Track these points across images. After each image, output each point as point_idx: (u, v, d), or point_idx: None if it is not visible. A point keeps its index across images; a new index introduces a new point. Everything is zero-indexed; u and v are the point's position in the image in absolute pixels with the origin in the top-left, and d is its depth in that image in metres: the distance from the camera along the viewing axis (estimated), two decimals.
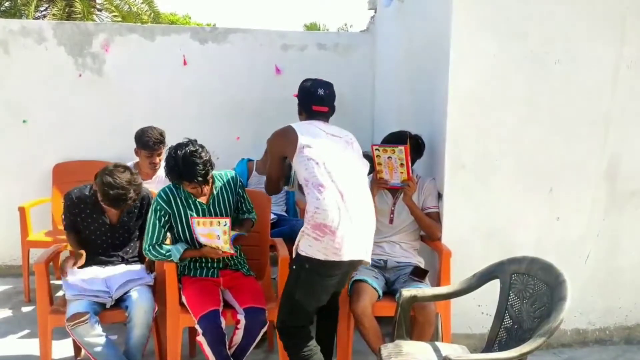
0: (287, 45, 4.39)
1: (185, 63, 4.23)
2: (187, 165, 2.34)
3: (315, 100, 2.44)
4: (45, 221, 3.97)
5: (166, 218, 2.52)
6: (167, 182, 2.63)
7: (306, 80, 2.55)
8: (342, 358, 2.59)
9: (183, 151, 2.36)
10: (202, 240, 2.45)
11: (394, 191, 2.81)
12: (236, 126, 4.29)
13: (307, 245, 2.14)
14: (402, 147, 2.65)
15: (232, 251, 2.44)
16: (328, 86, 2.51)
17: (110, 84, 4.19)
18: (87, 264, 2.63)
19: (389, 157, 2.71)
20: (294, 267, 2.22)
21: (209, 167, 2.41)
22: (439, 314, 2.57)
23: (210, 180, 2.51)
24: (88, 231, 2.66)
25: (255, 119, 4.10)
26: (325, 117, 2.47)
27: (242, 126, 4.14)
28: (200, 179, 2.37)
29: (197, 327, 2.34)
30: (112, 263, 2.68)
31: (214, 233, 2.37)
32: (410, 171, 2.71)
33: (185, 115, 4.26)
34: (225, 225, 2.35)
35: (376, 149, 2.73)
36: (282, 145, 2.35)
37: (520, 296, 1.99)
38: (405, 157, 2.65)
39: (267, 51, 4.35)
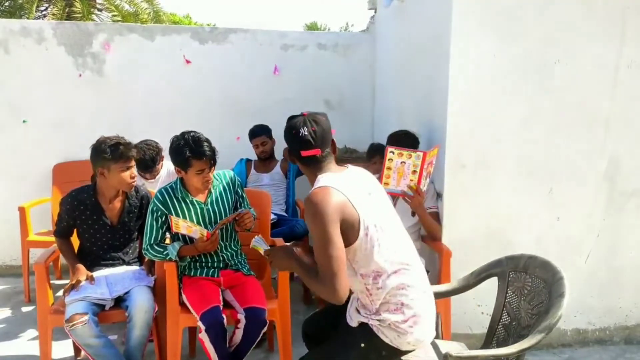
0: (287, 45, 4.40)
1: (188, 62, 4.24)
2: (196, 142, 2.43)
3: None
4: (45, 221, 3.98)
5: (163, 219, 2.54)
6: (169, 182, 2.64)
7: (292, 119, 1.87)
8: None
9: (190, 134, 2.47)
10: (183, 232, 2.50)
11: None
12: (236, 126, 4.29)
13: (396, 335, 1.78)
14: (420, 153, 2.58)
15: (209, 231, 2.49)
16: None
17: (110, 84, 4.20)
18: (88, 267, 2.62)
19: (402, 162, 2.60)
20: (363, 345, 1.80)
21: (215, 149, 2.49)
22: (439, 313, 2.57)
23: (214, 170, 2.52)
24: (88, 234, 2.65)
25: (255, 119, 4.10)
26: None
27: (242, 126, 4.14)
28: (209, 153, 2.43)
29: (200, 324, 2.34)
30: (113, 265, 2.68)
31: (190, 228, 2.46)
32: (423, 179, 2.63)
33: (185, 115, 4.26)
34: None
35: (391, 152, 2.61)
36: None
37: (518, 293, 1.99)
38: (421, 164, 2.58)
39: (267, 51, 4.36)
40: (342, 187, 1.72)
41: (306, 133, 1.78)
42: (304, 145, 1.79)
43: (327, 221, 1.64)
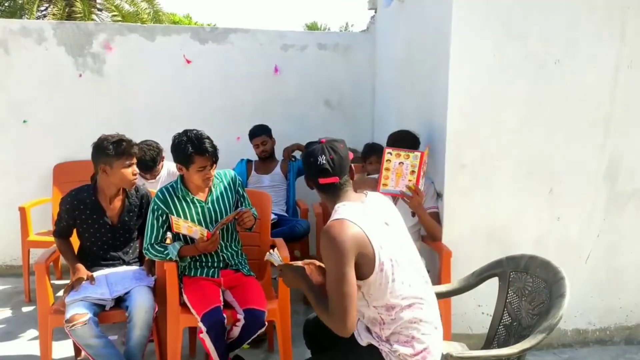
0: (287, 45, 4.39)
1: (188, 62, 4.24)
2: (198, 139, 2.45)
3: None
4: (46, 221, 3.98)
5: (164, 218, 2.54)
6: (169, 182, 2.64)
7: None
8: None
9: (192, 132, 2.49)
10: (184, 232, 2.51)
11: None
12: (236, 126, 4.28)
13: None
14: (418, 153, 2.59)
15: (209, 231, 2.50)
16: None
17: (111, 84, 4.20)
18: (88, 267, 2.62)
19: (400, 163, 2.61)
20: None
21: (216, 147, 2.51)
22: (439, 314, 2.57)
23: (215, 168, 2.53)
24: (88, 234, 2.65)
25: (255, 119, 4.10)
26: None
27: (242, 126, 4.14)
28: (211, 150, 2.45)
29: (201, 324, 2.34)
30: (113, 265, 2.68)
31: (191, 228, 2.48)
32: (420, 179, 2.64)
33: (186, 115, 4.25)
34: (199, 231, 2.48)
35: (389, 152, 2.63)
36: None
37: (519, 294, 1.99)
38: (419, 164, 2.58)
39: (267, 51, 4.36)
40: (359, 219, 1.71)
41: (324, 161, 1.78)
42: (322, 173, 1.79)
43: (342, 257, 1.63)
